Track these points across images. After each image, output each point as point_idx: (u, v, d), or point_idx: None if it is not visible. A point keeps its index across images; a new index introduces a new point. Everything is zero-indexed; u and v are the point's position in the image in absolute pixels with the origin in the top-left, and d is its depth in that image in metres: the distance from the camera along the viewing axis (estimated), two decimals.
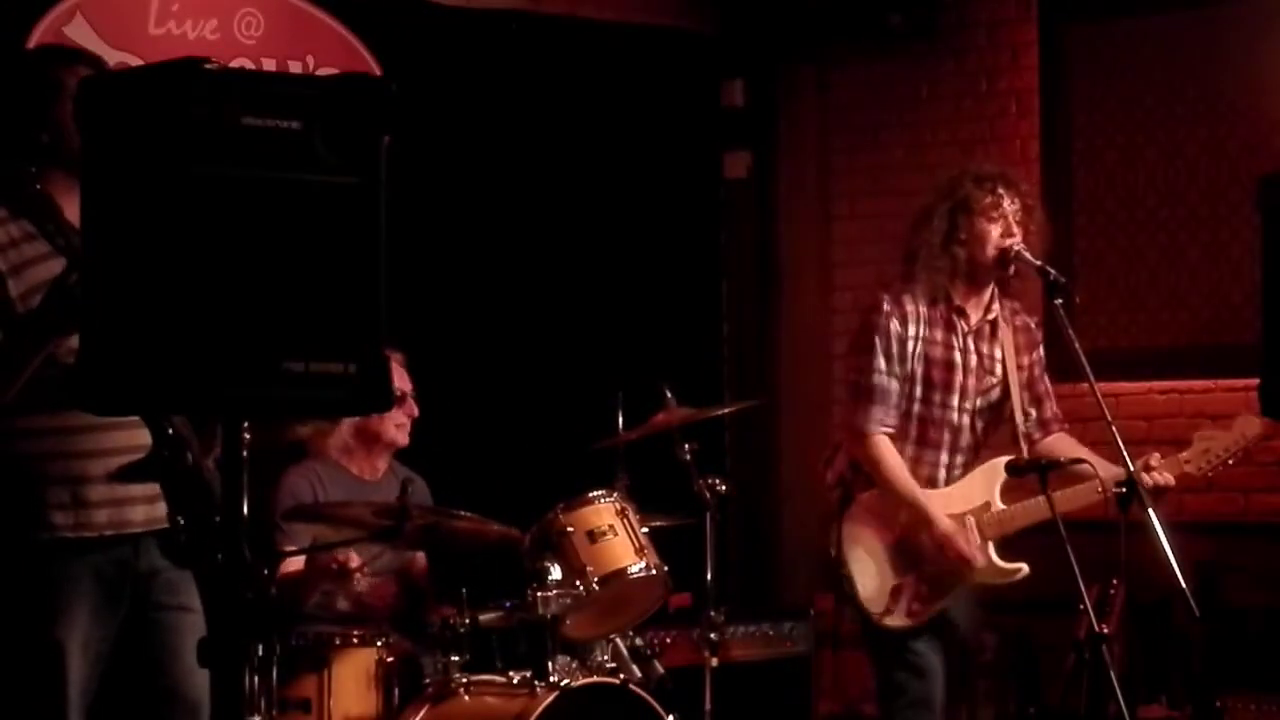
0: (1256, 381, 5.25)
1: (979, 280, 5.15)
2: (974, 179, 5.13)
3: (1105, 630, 4.80)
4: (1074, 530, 4.81)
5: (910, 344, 5.13)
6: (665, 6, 7.70)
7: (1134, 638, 6.53)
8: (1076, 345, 5.02)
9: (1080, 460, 5.02)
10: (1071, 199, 7.25)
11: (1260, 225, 5.40)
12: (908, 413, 5.14)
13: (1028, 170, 7.32)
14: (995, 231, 5.09)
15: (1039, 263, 5.09)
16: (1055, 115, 7.31)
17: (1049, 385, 5.30)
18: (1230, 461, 5.16)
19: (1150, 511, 4.70)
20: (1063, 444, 5.23)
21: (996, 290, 5.18)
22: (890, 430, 5.11)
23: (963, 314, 5.15)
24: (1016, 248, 5.08)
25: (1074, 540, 4.77)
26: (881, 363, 5.12)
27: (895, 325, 5.13)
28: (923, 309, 5.13)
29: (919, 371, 5.13)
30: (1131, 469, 4.82)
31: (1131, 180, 7.16)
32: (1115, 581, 6.15)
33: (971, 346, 5.16)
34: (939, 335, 5.14)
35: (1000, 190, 5.10)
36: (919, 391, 5.13)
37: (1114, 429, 4.88)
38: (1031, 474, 4.99)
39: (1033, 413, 5.24)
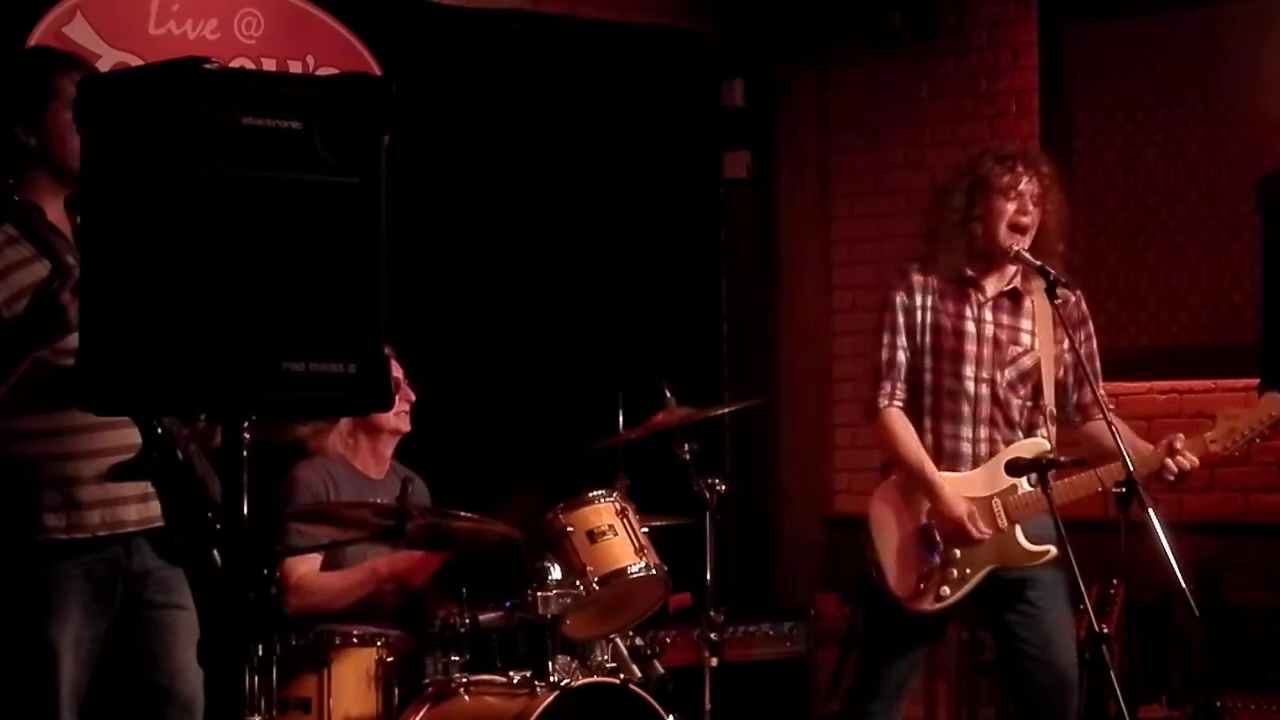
0: (1256, 381, 5.27)
1: (995, 258, 5.15)
2: (995, 157, 5.14)
3: (1105, 630, 4.80)
4: (1074, 530, 4.81)
5: (918, 314, 5.14)
6: (665, 6, 7.70)
7: (1134, 638, 6.53)
8: (1077, 345, 5.02)
9: (1080, 461, 5.02)
10: (1071, 199, 7.24)
11: (1260, 225, 5.43)
12: (921, 384, 5.14)
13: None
14: (1011, 209, 5.10)
15: (1039, 263, 5.08)
16: (1055, 115, 7.31)
17: (1096, 369, 5.15)
18: (1256, 439, 5.13)
19: (1150, 511, 4.70)
20: (1104, 434, 5.10)
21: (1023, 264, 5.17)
22: (900, 404, 5.13)
23: (977, 285, 5.15)
24: (1016, 248, 5.09)
25: (1074, 540, 4.77)
26: (887, 337, 5.16)
27: (901, 297, 5.16)
28: (932, 280, 5.15)
29: (928, 341, 5.14)
30: (1131, 469, 4.81)
31: (1131, 180, 7.16)
32: (1115, 581, 6.15)
33: (989, 317, 5.14)
34: (950, 306, 5.14)
35: (1020, 168, 5.11)
36: (929, 362, 5.14)
37: (1114, 429, 4.88)
38: (1031, 474, 4.99)
39: (1073, 396, 5.22)
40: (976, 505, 5.07)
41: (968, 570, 5.10)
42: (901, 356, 5.14)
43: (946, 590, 5.11)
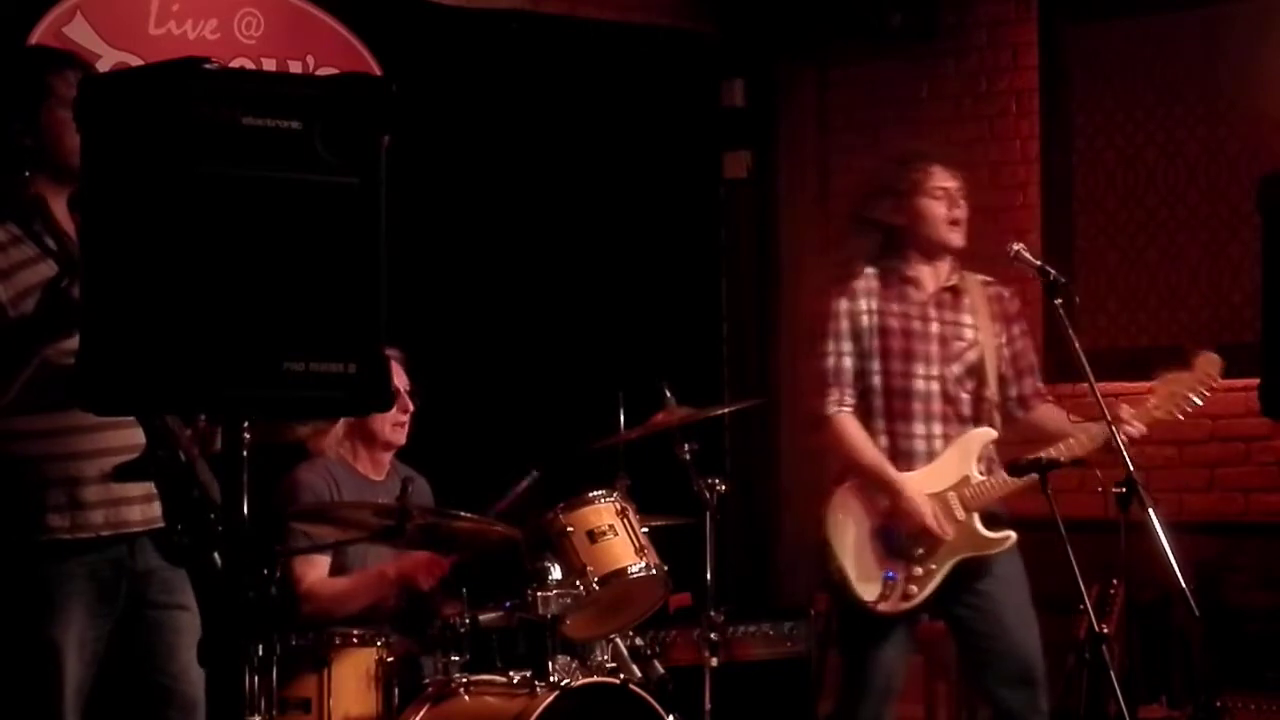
0: (1256, 381, 5.26)
1: (932, 257, 5.18)
2: (905, 163, 5.19)
3: (1105, 630, 4.80)
4: (1074, 530, 4.81)
5: (864, 317, 5.17)
6: (665, 6, 7.70)
7: (1134, 638, 6.53)
8: (1076, 345, 5.02)
9: (1081, 462, 5.04)
10: (1071, 199, 7.25)
11: (1260, 225, 5.42)
12: (871, 387, 5.17)
13: (1028, 170, 7.32)
14: (941, 208, 5.13)
15: (1039, 262, 5.10)
16: (1055, 115, 7.31)
17: (1034, 361, 5.30)
18: (1199, 401, 5.16)
19: (1150, 511, 4.71)
20: (1047, 418, 5.22)
21: (956, 262, 5.21)
22: (849, 408, 5.15)
23: (917, 284, 5.18)
24: (1017, 248, 5.11)
25: (1074, 540, 4.77)
26: (831, 344, 5.18)
27: (844, 303, 5.19)
28: (874, 283, 5.19)
29: (876, 344, 5.16)
30: (1131, 469, 4.82)
31: (1131, 180, 7.16)
32: (1115, 581, 6.15)
33: (932, 314, 5.19)
34: (894, 306, 5.18)
35: (933, 167, 5.16)
36: (878, 364, 5.16)
37: (1114, 429, 4.88)
38: (1032, 474, 5.00)
39: (1014, 389, 5.26)
40: (933, 500, 5.09)
41: (933, 566, 5.13)
42: (848, 362, 5.16)
43: (914, 589, 5.14)
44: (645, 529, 5.39)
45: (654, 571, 5.34)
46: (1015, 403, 5.27)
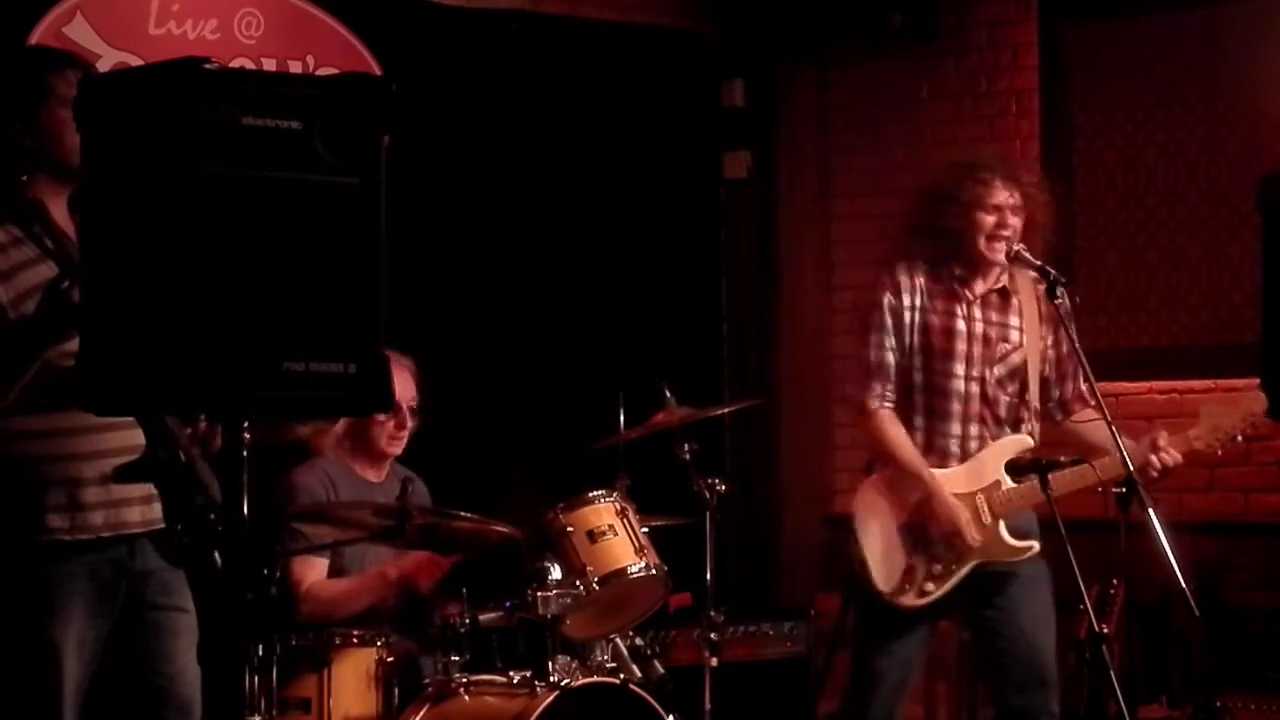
0: (1256, 381, 5.27)
1: (975, 265, 5.16)
2: (970, 172, 5.15)
3: (1105, 630, 4.80)
4: (1074, 530, 4.81)
5: (907, 314, 5.16)
6: (665, 6, 7.70)
7: (1134, 638, 6.53)
8: (1077, 345, 5.02)
9: (1080, 461, 5.03)
10: (1071, 199, 7.24)
11: (1260, 225, 5.43)
12: (912, 384, 5.15)
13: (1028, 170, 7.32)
14: (990, 221, 5.10)
15: (1039, 262, 5.09)
16: (1055, 115, 7.31)
17: (1079, 365, 5.19)
18: (1238, 438, 5.15)
19: (1150, 511, 4.71)
20: (1088, 429, 5.18)
21: (1006, 262, 5.19)
22: (891, 405, 5.14)
23: (966, 283, 5.16)
24: (1016, 248, 5.10)
25: (1074, 540, 4.77)
26: (875, 337, 5.16)
27: (889, 298, 5.17)
28: (920, 280, 5.16)
29: (919, 341, 5.15)
30: (1131, 470, 4.81)
31: (1131, 180, 7.16)
32: (1115, 581, 6.15)
33: (979, 315, 5.16)
34: (939, 304, 5.15)
35: (996, 182, 5.12)
36: (920, 361, 5.15)
37: (1114, 429, 4.88)
38: (1031, 474, 5.00)
39: (1056, 391, 5.24)
40: (961, 501, 5.09)
41: (953, 566, 5.12)
42: (891, 358, 5.15)
43: (931, 586, 5.13)
44: (645, 529, 5.39)
45: (654, 571, 5.34)
46: (1056, 405, 5.25)
